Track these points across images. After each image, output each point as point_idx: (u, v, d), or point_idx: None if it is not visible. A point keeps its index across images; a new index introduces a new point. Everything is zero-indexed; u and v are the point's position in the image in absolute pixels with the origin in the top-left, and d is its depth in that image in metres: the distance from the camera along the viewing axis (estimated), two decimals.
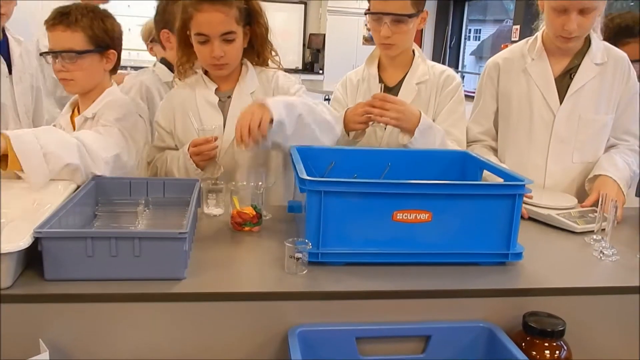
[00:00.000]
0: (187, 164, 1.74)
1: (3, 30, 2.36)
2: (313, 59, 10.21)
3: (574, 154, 1.88)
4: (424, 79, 1.93)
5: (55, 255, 1.12)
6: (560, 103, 1.87)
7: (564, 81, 1.88)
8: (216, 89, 1.85)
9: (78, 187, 1.45)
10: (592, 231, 1.54)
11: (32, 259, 1.17)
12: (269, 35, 1.86)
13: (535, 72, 1.90)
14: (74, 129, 1.79)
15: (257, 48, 1.87)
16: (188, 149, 1.73)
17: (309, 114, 1.62)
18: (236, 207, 1.49)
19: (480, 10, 11.66)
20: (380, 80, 1.97)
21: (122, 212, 1.47)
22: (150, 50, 2.72)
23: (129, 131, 1.73)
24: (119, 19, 1.88)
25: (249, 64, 1.87)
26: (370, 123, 1.82)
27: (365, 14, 1.91)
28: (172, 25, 1.98)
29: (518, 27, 7.94)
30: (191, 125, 1.79)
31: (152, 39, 2.65)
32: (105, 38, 1.76)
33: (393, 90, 1.95)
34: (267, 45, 1.88)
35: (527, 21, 7.84)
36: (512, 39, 7.95)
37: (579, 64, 1.87)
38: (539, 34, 1.94)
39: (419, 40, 9.63)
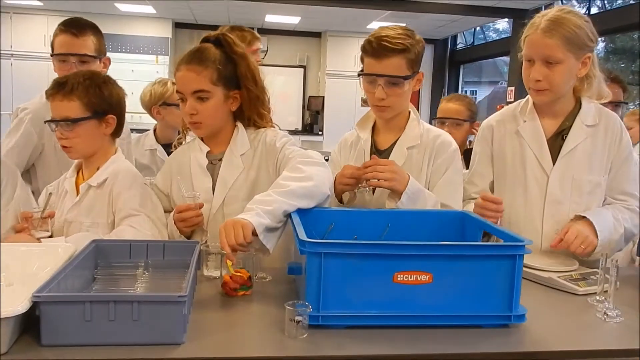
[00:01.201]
0: (172, 229, 1.77)
1: None
2: (312, 120, 10.38)
3: (569, 214, 1.86)
4: (415, 143, 1.89)
5: (52, 320, 1.11)
6: (554, 164, 1.88)
7: (556, 142, 1.90)
8: (209, 152, 1.87)
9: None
10: (595, 292, 1.53)
11: (29, 322, 1.15)
12: (265, 100, 1.88)
13: (528, 134, 1.92)
14: (77, 194, 1.81)
15: (247, 113, 1.87)
16: (173, 215, 1.76)
17: (292, 199, 1.54)
18: (230, 271, 1.46)
19: (475, 72, 11.92)
20: (373, 143, 1.96)
21: (122, 275, 1.46)
22: (157, 114, 2.82)
23: (153, 212, 1.77)
24: (122, 83, 1.92)
25: (240, 126, 1.89)
26: (357, 188, 1.82)
27: (359, 75, 1.89)
28: None
29: (513, 88, 8.09)
30: (180, 190, 1.80)
31: (162, 102, 2.75)
32: (102, 104, 1.79)
33: (384, 153, 1.92)
34: (258, 110, 1.87)
35: (522, 82, 7.99)
36: (508, 100, 8.10)
37: (571, 126, 1.88)
38: (529, 96, 1.97)
39: (415, 101, 9.79)
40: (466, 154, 2.41)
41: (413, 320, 1.30)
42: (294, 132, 9.52)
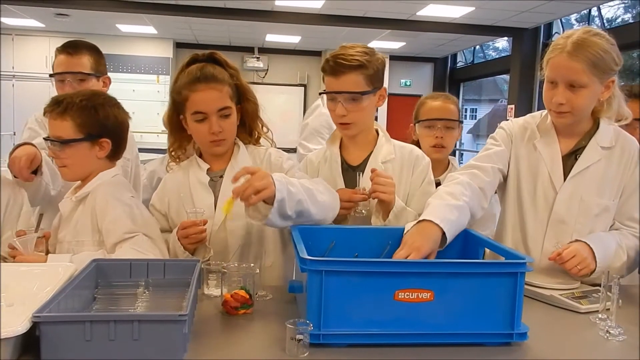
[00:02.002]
0: (175, 246, 1.75)
1: None
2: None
3: (574, 235, 1.82)
4: (389, 158, 1.92)
5: (52, 340, 1.10)
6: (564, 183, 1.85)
7: (569, 161, 1.86)
8: (209, 169, 1.87)
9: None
10: (597, 310, 1.52)
11: (29, 343, 1.14)
12: (259, 112, 1.92)
13: (544, 150, 1.88)
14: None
15: (249, 124, 1.91)
16: (177, 232, 1.74)
17: (310, 198, 1.60)
18: (225, 211, 1.49)
19: (475, 90, 11.98)
20: (343, 160, 1.97)
21: (122, 294, 1.45)
22: None
23: (148, 228, 1.73)
24: (123, 103, 1.90)
25: (240, 143, 1.91)
26: (354, 210, 1.82)
27: (320, 94, 1.93)
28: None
29: (513, 106, 8.14)
30: (183, 208, 1.80)
31: None
32: (96, 127, 1.74)
33: (357, 169, 1.93)
34: (259, 121, 1.93)
35: (522, 100, 8.05)
36: (508, 118, 8.14)
37: (586, 146, 1.85)
38: (550, 117, 1.90)
39: None
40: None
41: (414, 339, 1.29)
42: (294, 151, 9.52)
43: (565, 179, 1.84)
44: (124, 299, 1.43)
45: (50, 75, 2.37)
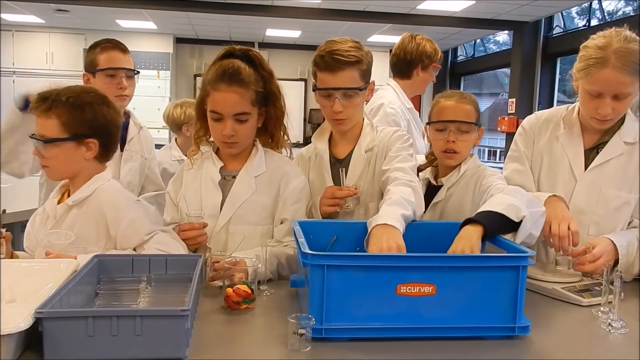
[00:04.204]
0: None
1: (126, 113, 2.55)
2: (314, 133, 10.38)
3: (591, 227, 1.83)
4: (372, 145, 1.92)
5: (55, 335, 1.10)
6: None
7: (591, 155, 1.87)
8: (223, 167, 1.85)
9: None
10: (599, 303, 1.52)
11: (32, 339, 1.15)
12: (284, 119, 1.89)
13: (567, 142, 1.89)
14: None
15: (271, 129, 1.89)
16: (178, 234, 1.74)
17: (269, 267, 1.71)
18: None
19: (476, 84, 11.94)
20: (331, 154, 1.98)
21: (124, 289, 1.45)
22: (187, 131, 3.20)
23: (161, 224, 1.73)
24: None
25: (259, 146, 1.88)
26: (341, 207, 1.83)
27: (314, 90, 1.91)
28: None
29: (514, 100, 8.11)
30: (187, 205, 1.79)
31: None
32: (82, 127, 1.62)
33: (344, 161, 1.94)
34: (281, 128, 1.90)
35: (522, 94, 8.03)
36: (509, 112, 8.12)
37: (609, 140, 1.85)
38: (577, 105, 1.91)
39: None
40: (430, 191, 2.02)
41: (416, 332, 1.29)
42: (295, 145, 9.50)
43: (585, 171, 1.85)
44: (126, 295, 1.43)
45: (101, 70, 2.42)
